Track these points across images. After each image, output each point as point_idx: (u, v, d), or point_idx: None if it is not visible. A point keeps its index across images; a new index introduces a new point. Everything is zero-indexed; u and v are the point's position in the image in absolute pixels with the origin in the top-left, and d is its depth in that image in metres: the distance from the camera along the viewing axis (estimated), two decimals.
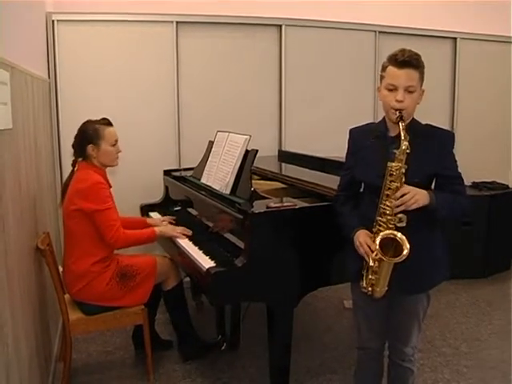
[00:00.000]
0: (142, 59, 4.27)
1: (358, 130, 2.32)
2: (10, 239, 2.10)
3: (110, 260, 2.99)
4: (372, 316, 2.35)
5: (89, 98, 4.13)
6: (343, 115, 4.76)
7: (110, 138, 3.00)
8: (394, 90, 2.07)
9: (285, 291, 2.60)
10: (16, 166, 2.34)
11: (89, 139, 2.96)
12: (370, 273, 2.12)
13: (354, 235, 2.20)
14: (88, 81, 4.15)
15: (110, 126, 3.02)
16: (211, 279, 2.44)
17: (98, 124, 2.99)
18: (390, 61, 2.09)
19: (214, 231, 3.00)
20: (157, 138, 4.38)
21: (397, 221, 2.06)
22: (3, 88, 2.05)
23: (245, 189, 2.94)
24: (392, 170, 2.03)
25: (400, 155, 2.01)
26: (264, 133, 4.63)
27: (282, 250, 2.56)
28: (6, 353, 1.91)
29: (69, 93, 4.10)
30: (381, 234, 2.07)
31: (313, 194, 2.88)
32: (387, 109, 2.12)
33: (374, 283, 2.13)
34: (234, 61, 4.54)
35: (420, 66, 2.08)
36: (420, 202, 2.02)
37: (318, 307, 4.19)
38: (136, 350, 3.44)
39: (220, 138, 3.42)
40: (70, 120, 3.99)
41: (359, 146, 2.27)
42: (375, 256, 2.08)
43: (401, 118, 2.03)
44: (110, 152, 3.01)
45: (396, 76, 2.06)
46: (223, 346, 3.44)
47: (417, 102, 2.11)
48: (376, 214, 2.10)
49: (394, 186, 2.03)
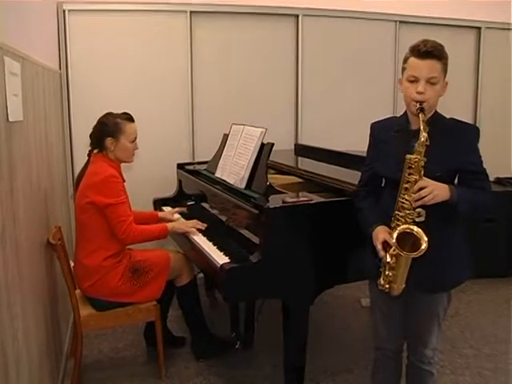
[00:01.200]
0: (155, 50, 4.27)
1: (380, 125, 2.31)
2: (21, 233, 2.11)
3: (123, 255, 3.00)
4: (390, 315, 2.33)
5: (101, 89, 4.15)
6: (362, 108, 4.74)
7: (130, 134, 3.01)
8: (415, 81, 2.05)
9: (300, 288, 2.59)
10: (27, 158, 2.35)
11: (109, 132, 2.97)
12: (388, 269, 2.10)
13: (373, 231, 2.18)
14: (100, 72, 4.16)
15: (131, 122, 3.03)
16: (225, 275, 2.43)
17: (121, 118, 3.00)
18: (411, 52, 2.07)
19: (229, 226, 2.99)
20: (170, 131, 4.39)
21: (415, 215, 2.03)
22: (14, 79, 2.06)
23: (260, 183, 2.93)
24: (411, 162, 2.01)
25: (419, 147, 1.99)
26: (280, 126, 4.62)
27: (298, 245, 2.55)
28: (17, 348, 1.92)
29: (80, 84, 4.11)
30: (398, 228, 2.05)
31: (330, 189, 2.86)
32: (408, 101, 2.10)
33: (391, 280, 2.11)
34: (249, 52, 4.53)
35: (443, 57, 2.05)
36: (439, 197, 1.99)
37: (334, 305, 4.17)
38: (148, 347, 3.46)
39: (235, 131, 3.41)
40: (82, 112, 4.03)
41: (380, 141, 2.26)
42: (392, 251, 2.06)
43: (421, 110, 2.01)
44: (127, 148, 3.01)
45: (417, 67, 2.03)
46: (237, 344, 3.43)
47: (439, 94, 2.08)
48: (395, 209, 2.09)
49: (413, 179, 2.01)
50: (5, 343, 1.76)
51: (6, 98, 1.91)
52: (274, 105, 4.65)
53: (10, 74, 1.97)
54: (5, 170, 1.88)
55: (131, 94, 4.21)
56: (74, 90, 4.12)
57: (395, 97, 4.90)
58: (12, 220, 1.96)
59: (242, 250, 2.72)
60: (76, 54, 4.09)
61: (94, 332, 3.63)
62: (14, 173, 2.03)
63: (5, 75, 1.89)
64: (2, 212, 1.81)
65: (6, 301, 1.81)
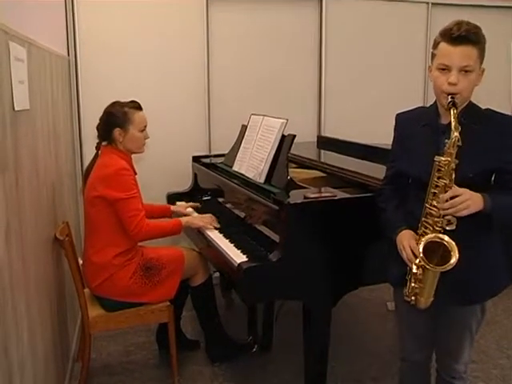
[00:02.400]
0: (169, 36, 4.25)
1: (406, 116, 2.21)
2: (27, 229, 2.12)
3: (134, 252, 3.00)
4: (416, 326, 2.26)
5: (112, 77, 4.14)
6: (389, 98, 4.69)
7: (139, 122, 3.00)
8: (446, 70, 1.93)
9: (323, 289, 2.57)
10: (33, 149, 2.35)
11: (116, 122, 2.97)
12: (414, 280, 2.03)
13: (397, 236, 2.11)
14: (111, 59, 4.14)
15: (139, 110, 3.02)
16: (243, 275, 2.42)
17: (128, 107, 2.99)
18: (443, 36, 1.95)
19: (247, 223, 2.98)
20: (185, 122, 4.38)
21: (445, 223, 1.94)
22: (20, 65, 2.05)
23: (280, 177, 2.91)
24: (440, 165, 1.91)
25: (450, 148, 1.88)
26: (302, 116, 4.60)
27: (320, 244, 2.53)
28: (21, 351, 1.93)
29: (90, 71, 4.10)
30: (425, 237, 1.97)
31: (355, 184, 2.84)
32: (438, 92, 1.99)
33: (417, 292, 2.04)
34: (269, 37, 4.50)
35: (479, 42, 1.93)
36: (472, 208, 1.90)
37: (358, 308, 4.15)
38: (160, 350, 3.46)
39: (254, 122, 3.39)
40: (92, 101, 4.02)
41: (406, 135, 2.17)
42: (419, 262, 1.98)
43: (453, 104, 1.89)
44: (137, 138, 3.01)
45: (449, 54, 1.92)
46: (254, 348, 3.44)
47: (475, 84, 1.97)
48: (421, 215, 2.01)
49: (442, 183, 1.92)
50: (9, 345, 1.76)
51: (11, 85, 1.91)
52: (295, 94, 4.62)
53: (16, 60, 1.97)
54: (10, 162, 1.88)
55: (144, 82, 4.20)
56: (83, 78, 4.11)
57: (426, 85, 4.84)
58: (17, 214, 1.96)
59: (261, 249, 2.71)
60: (85, 38, 4.07)
61: (103, 334, 3.64)
62: (19, 164, 2.03)
63: (10, 61, 1.88)
64: (7, 206, 1.81)
65: (11, 300, 1.81)
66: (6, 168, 1.81)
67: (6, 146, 1.83)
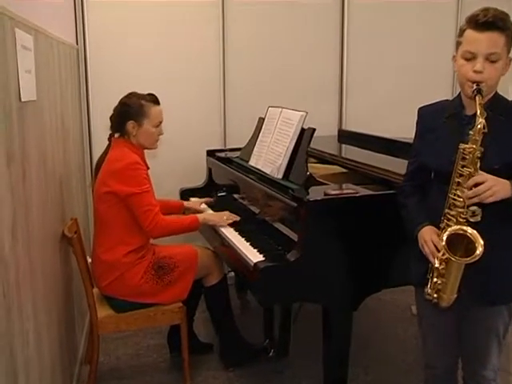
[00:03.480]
0: (184, 26, 4.24)
1: (429, 109, 2.22)
2: (34, 225, 2.13)
3: (146, 250, 3.01)
4: (439, 328, 2.25)
5: (122, 67, 4.15)
6: (414, 90, 4.65)
7: (154, 117, 3.01)
8: (472, 58, 1.93)
9: (343, 291, 2.56)
10: (41, 142, 2.36)
11: (131, 115, 2.97)
12: (436, 276, 2.02)
13: (419, 232, 2.11)
14: (122, 48, 4.15)
15: (156, 105, 3.03)
16: (260, 275, 2.42)
17: (145, 100, 3.00)
18: (468, 22, 1.95)
19: (264, 221, 2.98)
20: (199, 115, 4.38)
21: (469, 214, 1.94)
22: (27, 54, 2.06)
23: (299, 173, 2.91)
24: (465, 152, 1.91)
25: (475, 135, 1.88)
26: (322, 109, 4.57)
27: (340, 243, 2.52)
28: (27, 352, 1.93)
29: (100, 61, 4.12)
30: (449, 229, 1.96)
31: (377, 181, 2.83)
32: (463, 81, 1.99)
33: (440, 288, 2.03)
34: (287, 27, 4.48)
35: (507, 29, 1.92)
36: (498, 194, 1.88)
37: (381, 312, 4.13)
38: (171, 354, 3.47)
39: (272, 115, 3.38)
40: (102, 92, 4.04)
41: (429, 128, 2.17)
42: (442, 256, 1.98)
43: (478, 92, 1.89)
44: (151, 133, 3.02)
45: (475, 41, 1.92)
46: (271, 352, 3.43)
47: (501, 73, 1.97)
48: (445, 207, 2.01)
49: (467, 172, 1.92)
50: (14, 347, 1.77)
51: (18, 74, 1.91)
52: (315, 86, 4.60)
53: (22, 48, 1.97)
54: (17, 155, 1.89)
55: (156, 73, 4.20)
56: (92, 68, 4.12)
57: (454, 78, 4.80)
58: (24, 210, 1.97)
59: (278, 248, 2.71)
60: (95, 27, 4.08)
61: (112, 335, 3.66)
62: (26, 158, 2.03)
63: (16, 49, 1.89)
64: (14, 201, 1.82)
65: (17, 299, 1.82)
66: (12, 160, 1.81)
67: (13, 137, 1.84)
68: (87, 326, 3.51)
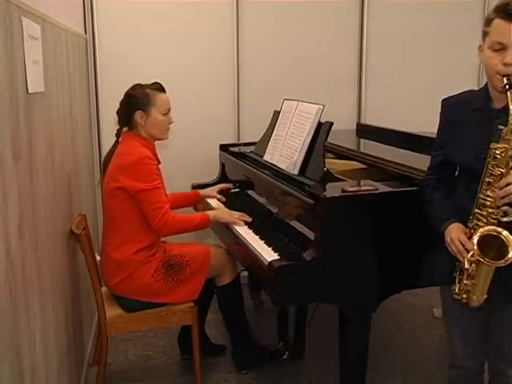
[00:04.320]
0: (196, 15, 4.24)
1: (453, 101, 2.21)
2: (41, 221, 2.14)
3: (156, 248, 3.02)
4: (468, 327, 2.25)
5: (133, 58, 4.15)
6: (438, 82, 4.61)
7: (162, 105, 3.01)
8: (501, 49, 1.91)
9: (361, 292, 2.56)
10: (49, 136, 2.37)
11: (137, 105, 2.98)
12: (465, 277, 2.03)
13: (446, 229, 2.11)
14: (132, 38, 4.15)
15: (162, 92, 3.04)
16: (274, 274, 2.42)
17: (150, 88, 3.01)
18: (497, 12, 1.92)
19: (279, 218, 2.97)
20: (212, 108, 4.38)
21: (500, 214, 1.94)
22: (34, 44, 2.06)
23: (316, 169, 2.90)
24: (496, 152, 1.91)
25: (507, 134, 1.88)
26: (340, 102, 4.57)
27: (359, 242, 2.51)
28: (33, 352, 1.94)
29: (109, 52, 4.12)
30: (480, 230, 1.97)
31: (398, 177, 2.82)
32: (491, 74, 1.97)
33: (469, 289, 2.04)
34: (304, 17, 4.46)
35: None
36: None
37: (401, 314, 4.11)
38: (182, 356, 3.48)
39: (287, 108, 3.38)
40: (111, 83, 4.05)
41: (454, 121, 2.17)
42: (471, 257, 1.98)
43: (510, 87, 1.88)
44: (160, 122, 3.02)
45: (505, 31, 1.89)
46: (285, 355, 3.43)
47: None
48: (474, 206, 2.00)
49: (498, 172, 1.91)
50: (20, 347, 1.78)
51: (24, 65, 1.92)
52: (333, 78, 4.58)
53: (30, 38, 1.97)
54: (24, 149, 1.89)
55: (168, 65, 4.21)
56: (101, 58, 4.13)
57: (481, 68, 4.75)
58: (31, 206, 1.98)
59: (294, 246, 2.71)
60: (104, 16, 4.09)
61: (121, 336, 3.68)
62: (33, 152, 2.04)
63: (23, 39, 1.89)
64: (20, 196, 1.82)
65: (24, 299, 1.83)
66: (19, 156, 1.82)
67: (20, 131, 1.84)
68: (95, 326, 3.53)
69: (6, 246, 1.63)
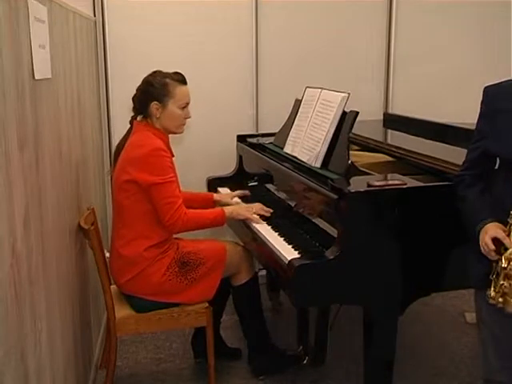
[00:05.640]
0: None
1: (496, 89, 2.20)
2: (48, 216, 2.15)
3: (169, 245, 3.02)
4: (502, 337, 2.22)
5: (145, 42, 4.16)
6: (471, 69, 4.59)
7: (180, 98, 3.01)
8: None
9: (388, 294, 2.56)
10: (56, 125, 2.38)
11: (154, 95, 2.98)
12: (503, 277, 2.01)
13: (482, 228, 2.10)
14: (144, 21, 4.16)
15: (183, 85, 3.03)
16: (295, 274, 2.42)
17: (170, 78, 3.00)
18: None
19: (299, 214, 2.98)
20: (229, 96, 4.39)
21: None
22: (40, 27, 2.06)
23: (340, 162, 2.90)
24: None
25: None
26: (366, 90, 4.56)
27: (385, 239, 2.51)
28: (39, 354, 1.95)
29: (120, 35, 4.12)
30: None
31: (428, 171, 2.81)
32: None
33: (506, 292, 2.02)
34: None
35: None
36: None
37: (430, 318, 4.08)
38: (195, 359, 3.50)
39: (310, 96, 3.37)
40: (122, 69, 4.07)
41: (497, 110, 2.16)
42: (509, 254, 1.97)
43: None
44: (176, 116, 3.02)
45: None
46: (305, 360, 3.43)
47: None
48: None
49: None
50: (25, 348, 1.79)
51: (31, 50, 1.92)
52: (358, 64, 4.57)
53: (36, 21, 1.97)
54: (30, 138, 1.90)
55: (183, 51, 4.21)
56: (112, 42, 4.13)
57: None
58: (37, 199, 1.99)
59: (316, 244, 2.72)
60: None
61: (131, 338, 3.70)
62: (40, 142, 2.05)
63: (29, 22, 1.89)
64: (26, 189, 1.83)
65: (29, 297, 1.84)
66: (24, 145, 1.82)
67: (26, 120, 1.85)
68: (104, 327, 3.55)
69: (11, 241, 1.63)
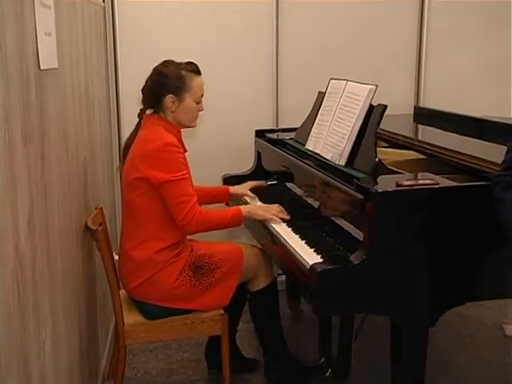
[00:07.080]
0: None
1: None
2: (54, 215, 2.16)
3: (182, 247, 3.03)
4: None
5: (158, 30, 4.17)
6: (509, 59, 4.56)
7: (196, 91, 3.01)
8: None
9: (418, 302, 2.55)
10: (62, 118, 2.39)
11: (169, 87, 2.97)
12: None
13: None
14: (158, 7, 4.17)
15: (198, 75, 3.04)
16: (317, 279, 2.41)
17: (185, 70, 3.00)
18: None
19: (322, 215, 2.97)
20: (247, 88, 4.40)
21: None
22: (46, 13, 2.06)
23: (366, 159, 2.89)
24: None
25: None
26: (395, 82, 4.55)
27: (415, 244, 2.49)
28: (42, 363, 1.96)
29: (130, 22, 4.14)
30: None
31: (463, 170, 2.79)
32: None
33: None
34: None
35: None
36: None
37: (464, 330, 4.06)
38: (209, 370, 3.50)
39: (334, 89, 3.37)
40: (132, 58, 4.08)
41: None
42: None
43: None
44: (192, 109, 3.03)
45: None
46: (327, 373, 3.42)
47: None
48: None
49: None
50: (28, 356, 1.79)
51: (36, 38, 1.92)
52: (387, 54, 4.57)
53: (41, 6, 1.97)
54: (35, 133, 1.91)
55: (198, 40, 4.22)
56: (122, 30, 4.14)
57: None
58: (43, 198, 2.00)
59: (339, 248, 2.71)
60: None
61: (141, 346, 3.71)
62: (46, 136, 2.06)
63: (34, 8, 1.89)
64: (31, 186, 1.83)
65: (33, 301, 1.84)
66: (30, 140, 1.83)
67: (31, 112, 1.86)
68: (112, 335, 3.56)
69: (15, 241, 1.64)
